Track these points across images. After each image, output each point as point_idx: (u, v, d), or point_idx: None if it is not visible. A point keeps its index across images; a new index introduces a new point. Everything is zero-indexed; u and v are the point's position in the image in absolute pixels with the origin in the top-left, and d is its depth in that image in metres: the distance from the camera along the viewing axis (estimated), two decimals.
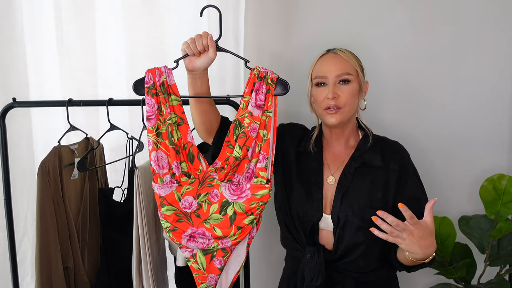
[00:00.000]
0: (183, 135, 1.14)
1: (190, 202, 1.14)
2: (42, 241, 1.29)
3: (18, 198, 1.50)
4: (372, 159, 1.21)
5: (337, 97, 1.17)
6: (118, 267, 1.38)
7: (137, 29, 1.53)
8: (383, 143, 1.25)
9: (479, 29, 1.54)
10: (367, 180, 1.20)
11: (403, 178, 1.20)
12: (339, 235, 1.18)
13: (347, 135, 1.26)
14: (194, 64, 1.13)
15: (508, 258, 1.44)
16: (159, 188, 1.12)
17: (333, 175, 1.23)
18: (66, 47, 1.55)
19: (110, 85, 1.58)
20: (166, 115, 1.12)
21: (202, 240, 1.16)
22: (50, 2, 1.52)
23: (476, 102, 1.57)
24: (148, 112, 1.10)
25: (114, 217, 1.38)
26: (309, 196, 1.22)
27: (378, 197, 1.18)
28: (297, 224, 1.23)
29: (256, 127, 1.14)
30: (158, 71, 1.11)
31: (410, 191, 1.20)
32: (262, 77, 1.13)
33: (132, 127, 1.49)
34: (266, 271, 1.70)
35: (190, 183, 1.14)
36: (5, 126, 1.36)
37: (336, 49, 1.23)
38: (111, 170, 1.56)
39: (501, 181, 1.46)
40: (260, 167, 1.14)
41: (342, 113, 1.17)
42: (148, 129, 1.11)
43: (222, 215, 1.14)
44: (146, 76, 1.11)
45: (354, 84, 1.19)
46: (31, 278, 1.57)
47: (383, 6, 1.55)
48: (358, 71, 1.20)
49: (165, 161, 1.12)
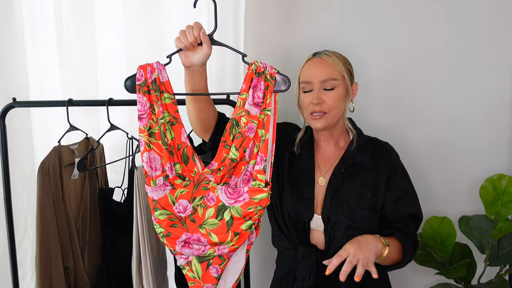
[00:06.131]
0: (176, 135, 1.10)
1: (184, 206, 1.09)
2: (42, 241, 1.29)
3: (18, 198, 1.50)
4: (362, 159, 1.22)
5: (321, 103, 1.17)
6: (118, 267, 1.38)
7: (137, 29, 1.53)
8: (373, 144, 1.26)
9: (479, 29, 1.54)
10: (357, 180, 1.21)
11: (392, 179, 1.21)
12: (330, 235, 1.19)
13: (336, 137, 1.26)
14: (191, 59, 1.09)
15: (508, 258, 1.44)
16: (152, 191, 1.08)
17: (323, 176, 1.24)
18: (66, 47, 1.54)
19: (110, 85, 1.58)
20: (159, 114, 1.07)
21: (197, 247, 1.11)
22: (50, 2, 1.52)
23: (476, 102, 1.57)
24: (139, 111, 1.07)
25: (114, 217, 1.38)
26: (300, 196, 1.23)
27: (367, 197, 1.19)
28: (289, 223, 1.23)
29: (254, 127, 1.09)
30: (150, 67, 1.07)
31: (399, 191, 1.21)
32: (260, 73, 1.08)
33: (132, 127, 1.49)
34: (266, 273, 1.70)
35: (185, 185, 1.09)
36: (5, 126, 1.36)
37: (322, 52, 1.22)
38: (111, 170, 1.55)
39: (501, 181, 1.46)
40: (258, 169, 1.10)
41: (327, 118, 1.18)
42: (140, 129, 1.07)
43: (219, 220, 1.09)
44: (138, 73, 1.06)
45: (339, 89, 1.18)
46: (31, 278, 1.57)
47: (382, 5, 1.55)
48: (345, 75, 1.19)
49: (158, 163, 1.07)
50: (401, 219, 1.21)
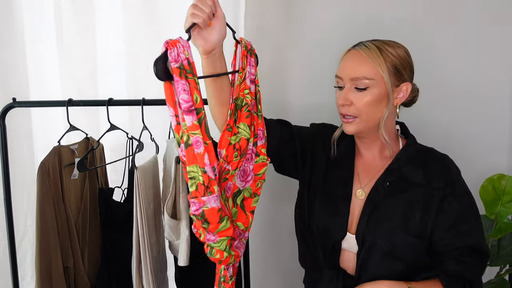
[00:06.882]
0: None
1: (223, 206, 0.97)
2: (42, 241, 1.29)
3: (18, 198, 1.50)
4: (412, 173, 1.02)
5: (349, 105, 0.99)
6: (118, 267, 1.38)
7: (137, 29, 1.53)
8: (428, 155, 1.06)
9: (479, 28, 1.53)
10: (403, 198, 1.00)
11: (447, 199, 0.99)
12: (363, 259, 0.99)
13: (380, 145, 1.07)
14: (211, 40, 0.91)
15: (508, 258, 1.44)
16: (217, 199, 0.89)
17: (363, 188, 1.05)
18: (66, 47, 1.55)
19: (110, 85, 1.58)
20: (200, 104, 0.88)
21: (239, 243, 1.03)
22: (50, 2, 1.52)
23: (475, 102, 1.57)
24: (187, 101, 0.86)
25: (114, 217, 1.38)
26: (333, 210, 1.04)
27: (415, 220, 0.98)
28: (317, 241, 1.05)
29: (254, 104, 1.04)
30: (179, 44, 0.85)
31: (454, 215, 0.98)
32: (249, 49, 1.04)
33: (132, 127, 1.49)
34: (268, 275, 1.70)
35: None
36: (5, 126, 1.36)
37: (361, 43, 1.02)
38: (111, 170, 1.55)
39: (501, 181, 1.46)
40: (261, 144, 1.04)
41: (358, 123, 1.00)
42: (193, 125, 0.86)
43: (236, 207, 1.02)
44: (171, 52, 0.84)
45: (374, 90, 0.97)
46: (31, 278, 1.57)
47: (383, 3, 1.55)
48: (384, 75, 0.97)
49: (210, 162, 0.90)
50: (455, 252, 0.97)
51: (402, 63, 1.00)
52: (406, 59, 1.02)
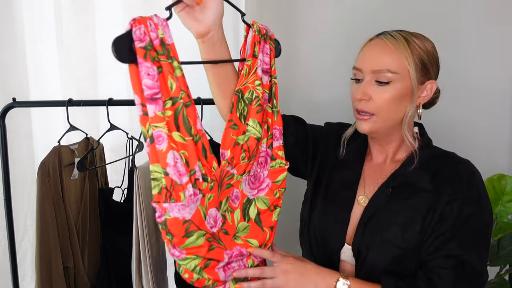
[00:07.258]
0: (193, 121, 0.78)
1: (214, 217, 0.83)
2: (42, 241, 1.28)
3: (18, 198, 1.50)
4: (419, 178, 0.90)
5: (368, 100, 0.88)
6: (118, 267, 1.38)
7: None
8: (443, 160, 0.93)
9: (479, 28, 1.54)
10: (405, 205, 0.89)
11: (451, 204, 0.86)
12: (361, 273, 0.89)
13: (395, 148, 0.96)
14: (204, 20, 0.79)
15: (508, 258, 1.44)
16: (182, 209, 0.74)
17: (366, 194, 0.95)
18: (66, 47, 1.55)
19: (110, 85, 1.58)
20: (177, 92, 0.74)
21: (236, 264, 0.88)
22: (50, 2, 1.52)
23: (476, 102, 1.57)
24: (151, 88, 0.71)
25: (114, 217, 1.38)
26: (332, 217, 0.95)
27: (414, 231, 0.86)
28: (315, 248, 0.97)
29: (267, 98, 0.90)
30: (151, 21, 0.74)
31: (452, 221, 0.85)
32: (263, 35, 0.90)
33: (132, 127, 1.49)
34: None
35: (210, 188, 0.81)
36: (5, 126, 1.36)
37: (386, 32, 0.91)
38: (111, 170, 1.55)
39: (501, 181, 1.46)
40: (278, 145, 0.91)
41: (375, 121, 0.89)
42: (156, 116, 0.72)
43: (247, 222, 0.88)
44: (136, 30, 0.71)
45: (397, 85, 0.87)
46: (31, 278, 1.57)
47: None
48: (410, 68, 0.86)
49: (182, 164, 0.75)
50: (436, 261, 0.85)
51: (430, 58, 0.90)
52: (434, 54, 0.92)
